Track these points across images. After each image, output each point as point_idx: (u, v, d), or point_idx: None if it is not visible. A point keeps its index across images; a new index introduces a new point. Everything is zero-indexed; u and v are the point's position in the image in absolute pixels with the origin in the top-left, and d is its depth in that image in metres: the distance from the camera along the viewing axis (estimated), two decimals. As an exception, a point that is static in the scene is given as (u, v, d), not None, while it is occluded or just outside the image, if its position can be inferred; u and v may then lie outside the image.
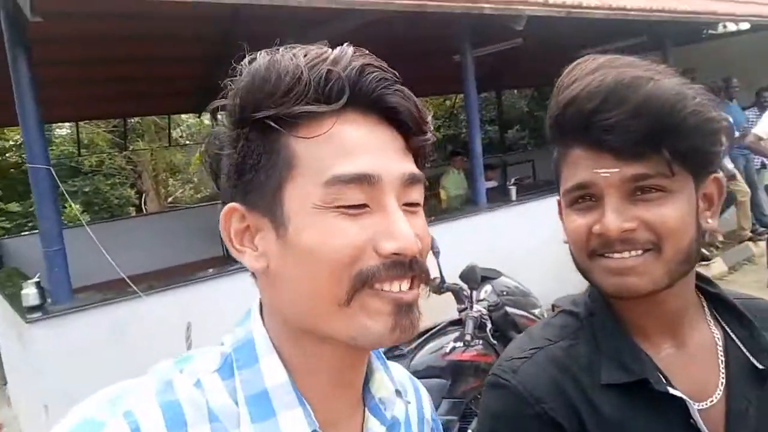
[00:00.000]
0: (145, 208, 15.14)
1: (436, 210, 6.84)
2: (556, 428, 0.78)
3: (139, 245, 7.83)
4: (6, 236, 9.20)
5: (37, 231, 4.03)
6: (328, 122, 0.58)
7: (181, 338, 2.93)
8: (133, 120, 14.41)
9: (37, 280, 3.64)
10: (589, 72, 0.76)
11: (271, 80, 0.57)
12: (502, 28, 5.59)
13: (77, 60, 6.32)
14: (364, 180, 0.57)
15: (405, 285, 0.59)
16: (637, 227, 0.75)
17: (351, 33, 5.70)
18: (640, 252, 0.76)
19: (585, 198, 0.79)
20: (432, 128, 0.66)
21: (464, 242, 5.20)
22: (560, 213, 0.86)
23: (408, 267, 0.58)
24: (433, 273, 2.82)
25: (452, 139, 16.50)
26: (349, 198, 0.57)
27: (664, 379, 0.79)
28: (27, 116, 3.60)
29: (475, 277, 2.61)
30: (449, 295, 2.74)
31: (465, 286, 2.67)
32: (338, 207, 0.57)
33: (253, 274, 0.65)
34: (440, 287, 2.74)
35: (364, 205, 0.58)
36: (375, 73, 0.59)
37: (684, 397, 0.77)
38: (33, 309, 3.54)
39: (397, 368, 0.79)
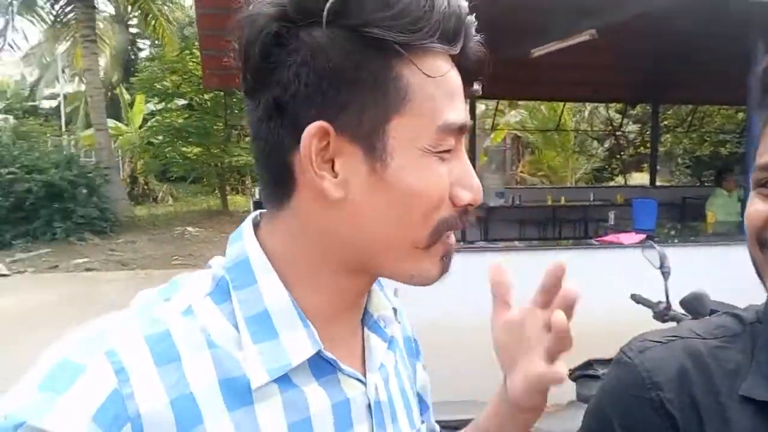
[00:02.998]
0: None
1: (699, 232, 6.06)
2: (668, 420, 0.69)
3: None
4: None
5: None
6: (445, 64, 0.57)
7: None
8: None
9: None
10: None
11: (401, 1, 0.52)
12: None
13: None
14: (463, 129, 0.58)
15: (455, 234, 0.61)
16: None
17: (628, 23, 5.30)
18: None
19: None
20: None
21: (716, 272, 4.52)
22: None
23: (468, 216, 0.60)
24: (659, 296, 2.49)
25: (742, 158, 14.46)
26: (448, 144, 0.57)
27: None
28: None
29: (703, 309, 2.21)
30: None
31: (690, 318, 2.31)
32: (440, 152, 0.57)
33: (276, 198, 0.59)
34: (664, 314, 2.41)
35: (450, 151, 0.58)
36: (471, 19, 0.58)
37: None
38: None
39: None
